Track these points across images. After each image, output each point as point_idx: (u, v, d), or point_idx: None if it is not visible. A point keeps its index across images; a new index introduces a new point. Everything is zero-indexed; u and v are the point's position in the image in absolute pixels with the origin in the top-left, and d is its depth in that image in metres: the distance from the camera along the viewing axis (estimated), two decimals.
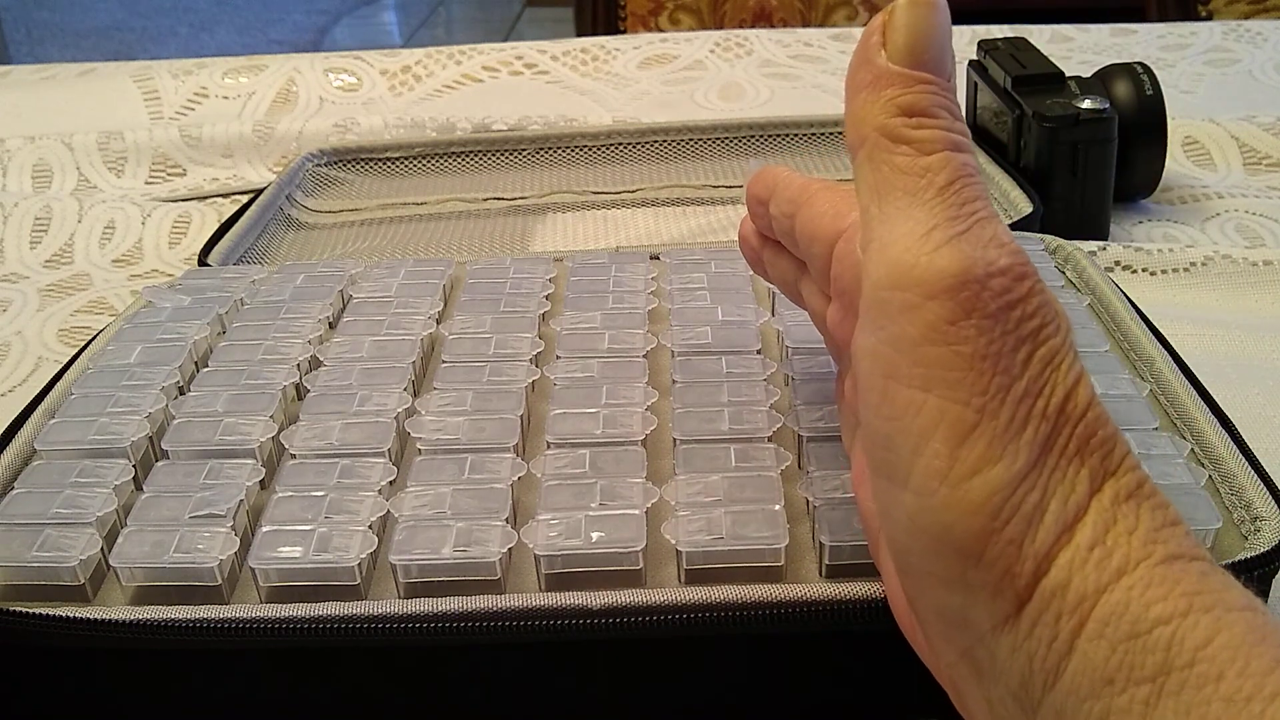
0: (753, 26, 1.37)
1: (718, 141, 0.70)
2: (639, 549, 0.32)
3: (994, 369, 0.23)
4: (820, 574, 0.32)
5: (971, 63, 0.65)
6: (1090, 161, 0.57)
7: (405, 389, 0.40)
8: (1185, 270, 0.55)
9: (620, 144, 0.69)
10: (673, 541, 0.32)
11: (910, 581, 0.25)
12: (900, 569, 0.25)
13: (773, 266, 0.36)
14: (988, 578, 0.23)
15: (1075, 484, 0.23)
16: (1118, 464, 0.23)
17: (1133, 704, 0.21)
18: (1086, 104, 0.56)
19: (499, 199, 0.66)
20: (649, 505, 0.33)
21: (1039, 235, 0.50)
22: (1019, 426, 0.23)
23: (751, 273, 0.46)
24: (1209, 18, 1.28)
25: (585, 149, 0.70)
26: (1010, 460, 0.23)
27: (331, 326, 0.45)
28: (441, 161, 0.70)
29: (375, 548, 0.33)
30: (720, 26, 1.40)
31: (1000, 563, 0.23)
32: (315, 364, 0.42)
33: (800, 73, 0.86)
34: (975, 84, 0.65)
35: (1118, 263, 0.56)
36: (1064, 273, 0.47)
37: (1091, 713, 0.21)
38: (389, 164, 0.69)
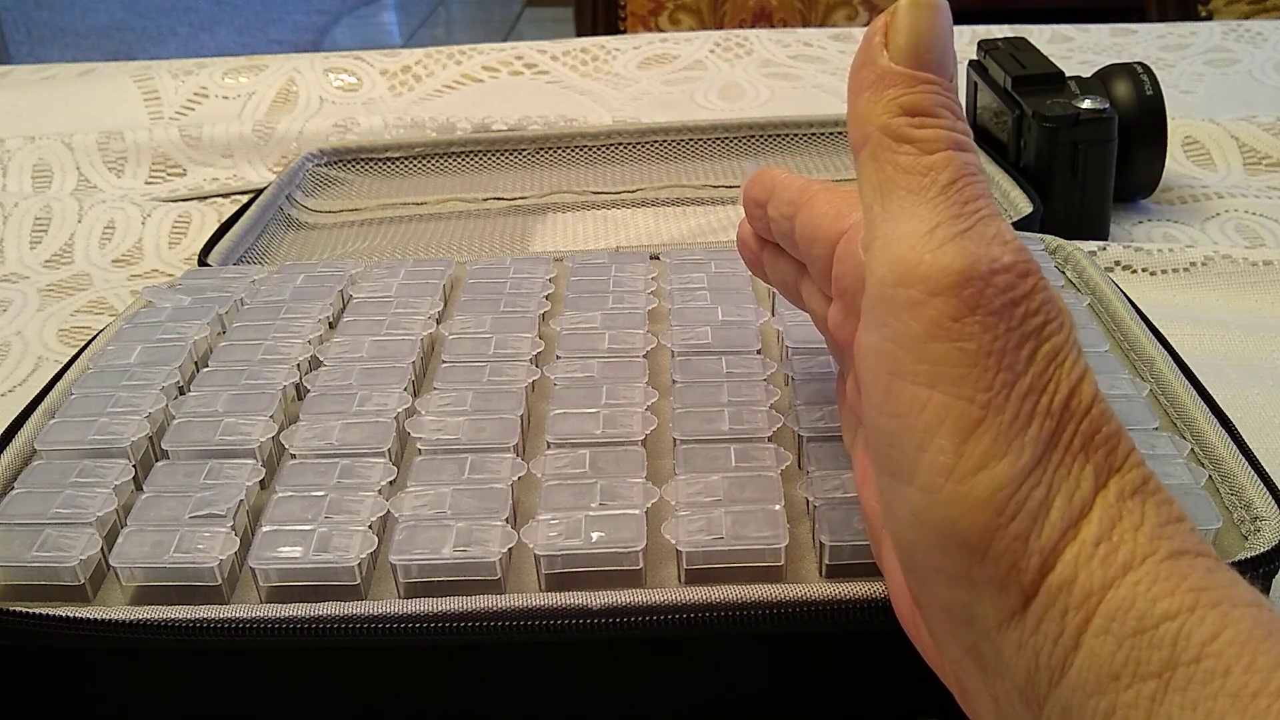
0: (753, 26, 1.37)
1: (718, 141, 0.70)
2: (639, 549, 0.32)
3: (998, 365, 0.23)
4: (820, 574, 0.32)
5: (971, 63, 0.65)
6: (1090, 161, 0.57)
7: (405, 389, 0.40)
8: (1185, 270, 0.55)
9: (620, 144, 0.69)
10: (673, 541, 0.32)
11: (915, 578, 0.25)
12: (905, 566, 0.26)
13: (772, 268, 0.36)
14: (993, 573, 0.23)
15: (1080, 480, 0.23)
16: (1122, 460, 0.23)
17: (1139, 699, 0.21)
18: (1086, 104, 0.56)
19: (499, 199, 0.66)
20: (649, 505, 0.33)
21: (1039, 235, 0.50)
22: (1024, 423, 0.23)
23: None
24: (1209, 18, 1.28)
25: (585, 149, 0.70)
26: (1015, 456, 0.23)
27: (331, 326, 0.45)
28: (441, 161, 0.70)
29: (375, 548, 0.33)
30: (720, 26, 1.40)
31: (1006, 558, 0.23)
32: (315, 364, 0.42)
33: (800, 73, 0.86)
34: (975, 84, 0.65)
35: (1118, 263, 0.56)
36: (1064, 273, 0.47)
37: (1098, 708, 0.21)
38: (389, 164, 0.69)
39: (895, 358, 0.24)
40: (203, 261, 0.55)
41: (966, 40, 0.85)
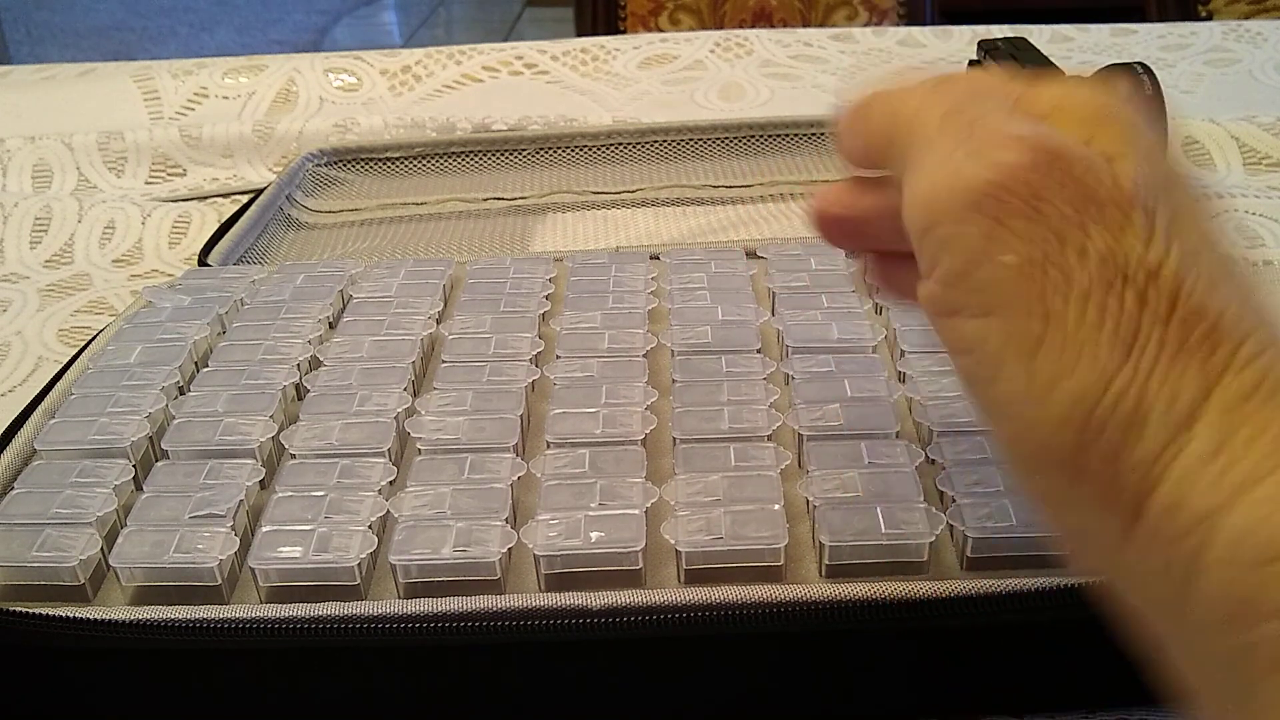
0: (753, 26, 1.37)
1: (718, 141, 0.70)
2: (639, 549, 0.32)
3: (1044, 271, 0.22)
4: (820, 574, 0.32)
5: (971, 63, 0.65)
6: None
7: (405, 389, 0.40)
8: None
9: (620, 144, 0.69)
10: (672, 541, 0.32)
11: (1038, 506, 0.23)
12: (1027, 495, 0.24)
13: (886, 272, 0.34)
14: (1092, 493, 0.21)
15: (1181, 385, 0.20)
16: (1231, 357, 0.20)
17: (1272, 638, 0.18)
18: None
19: (499, 199, 0.66)
20: (649, 505, 0.33)
21: None
22: (1093, 326, 0.21)
23: (751, 273, 0.46)
24: (1209, 18, 1.28)
25: (585, 149, 0.69)
26: (1090, 365, 0.21)
27: (331, 326, 0.45)
28: (441, 161, 0.70)
29: (375, 548, 0.33)
30: (720, 26, 1.40)
31: (1101, 478, 0.21)
32: (315, 364, 0.42)
33: (800, 73, 0.86)
34: None
35: None
36: None
37: (1226, 647, 0.19)
38: (389, 164, 0.69)
39: (949, 299, 0.24)
40: (203, 261, 0.55)
41: (966, 40, 0.85)
